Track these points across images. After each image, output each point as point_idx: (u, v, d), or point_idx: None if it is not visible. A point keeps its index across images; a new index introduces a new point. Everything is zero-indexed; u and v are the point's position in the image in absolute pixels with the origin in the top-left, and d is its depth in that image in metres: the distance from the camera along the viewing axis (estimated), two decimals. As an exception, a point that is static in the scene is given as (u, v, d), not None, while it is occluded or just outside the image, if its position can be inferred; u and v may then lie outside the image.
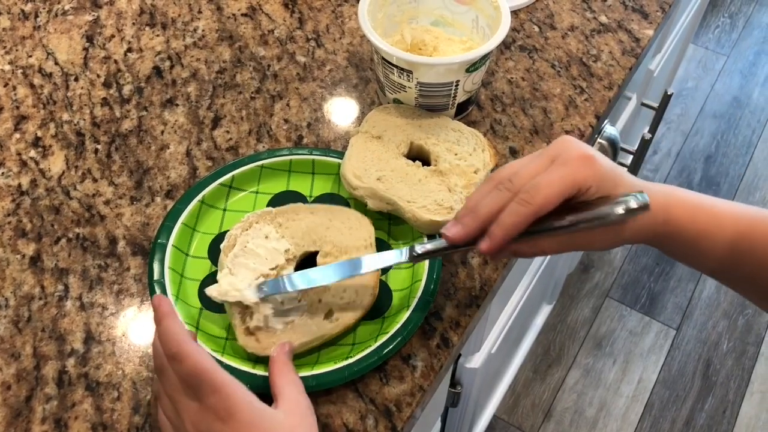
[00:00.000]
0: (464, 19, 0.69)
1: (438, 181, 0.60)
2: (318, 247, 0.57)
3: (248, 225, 0.57)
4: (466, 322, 0.56)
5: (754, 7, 2.25)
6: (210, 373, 0.43)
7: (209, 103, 0.70)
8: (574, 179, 0.45)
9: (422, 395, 0.53)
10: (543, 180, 0.45)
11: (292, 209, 0.58)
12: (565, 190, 0.45)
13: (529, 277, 1.00)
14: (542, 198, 0.45)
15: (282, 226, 0.57)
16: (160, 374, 0.46)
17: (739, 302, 1.61)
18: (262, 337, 0.52)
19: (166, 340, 0.44)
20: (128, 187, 0.64)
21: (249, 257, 0.54)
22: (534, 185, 0.45)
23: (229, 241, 0.56)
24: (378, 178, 0.60)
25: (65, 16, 0.78)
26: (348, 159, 0.61)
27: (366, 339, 0.54)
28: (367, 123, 0.64)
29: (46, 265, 0.59)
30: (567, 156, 0.46)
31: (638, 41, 0.77)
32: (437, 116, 0.65)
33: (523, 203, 0.45)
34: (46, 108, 0.70)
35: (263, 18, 0.78)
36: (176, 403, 0.44)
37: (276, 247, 0.55)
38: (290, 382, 0.48)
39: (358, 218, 0.58)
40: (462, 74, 0.62)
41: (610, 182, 0.47)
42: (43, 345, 0.55)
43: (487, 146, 0.63)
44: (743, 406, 1.46)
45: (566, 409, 1.46)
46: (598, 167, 0.46)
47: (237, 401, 0.42)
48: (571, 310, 1.60)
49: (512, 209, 0.46)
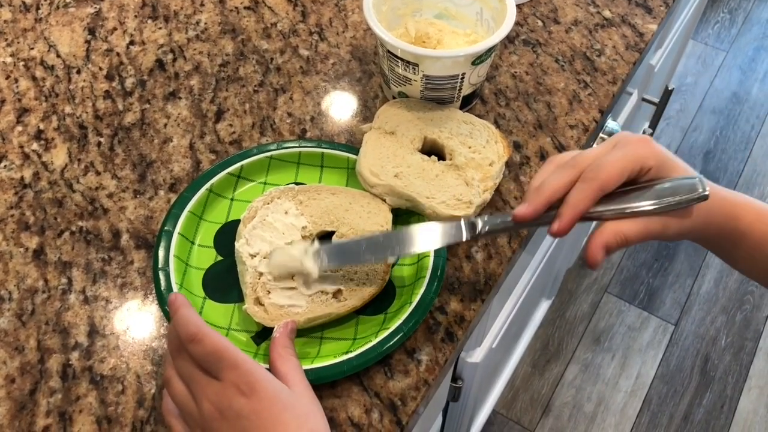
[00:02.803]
0: (468, 11, 0.69)
1: (455, 176, 0.60)
2: (335, 228, 0.57)
3: (270, 199, 0.58)
4: (470, 316, 0.56)
5: (754, 2, 2.25)
6: (230, 350, 0.43)
7: (212, 96, 0.70)
8: (636, 156, 0.47)
9: (427, 389, 0.53)
10: (607, 158, 0.47)
11: (314, 188, 0.59)
12: (628, 167, 0.46)
13: (530, 272, 1.00)
14: (606, 174, 0.46)
15: (302, 204, 0.58)
16: (175, 358, 0.46)
17: (737, 298, 1.62)
18: (270, 308, 0.53)
19: (184, 323, 0.45)
20: (131, 180, 0.64)
21: (266, 230, 0.56)
22: (598, 163, 0.47)
23: (250, 213, 0.57)
24: (395, 175, 0.60)
25: (67, 9, 0.78)
26: (363, 156, 0.61)
27: (367, 334, 0.54)
28: (378, 119, 0.64)
29: (49, 259, 0.59)
30: (627, 140, 0.48)
31: (642, 36, 0.77)
32: (447, 109, 0.65)
33: (588, 180, 0.46)
34: (49, 101, 0.69)
35: (266, 11, 0.78)
36: (193, 384, 0.44)
37: (294, 223, 0.57)
38: (293, 366, 0.48)
39: (377, 204, 0.59)
40: (468, 67, 0.62)
41: (669, 165, 0.48)
42: (47, 338, 0.55)
43: (499, 138, 0.64)
44: (741, 401, 1.47)
45: (565, 403, 1.46)
46: (658, 148, 0.48)
47: (258, 377, 0.43)
48: (570, 306, 1.60)
49: (579, 186, 0.47)
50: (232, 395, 0.42)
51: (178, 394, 0.46)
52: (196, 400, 0.44)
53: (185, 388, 0.45)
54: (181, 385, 0.45)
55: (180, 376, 0.46)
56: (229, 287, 0.57)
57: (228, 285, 0.57)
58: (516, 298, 0.98)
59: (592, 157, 0.47)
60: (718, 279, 1.65)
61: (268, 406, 0.42)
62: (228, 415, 0.42)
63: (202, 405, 0.43)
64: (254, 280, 0.54)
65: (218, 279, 0.57)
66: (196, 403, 0.44)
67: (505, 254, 0.60)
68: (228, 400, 0.42)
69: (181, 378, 0.46)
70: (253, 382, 0.42)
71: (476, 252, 0.60)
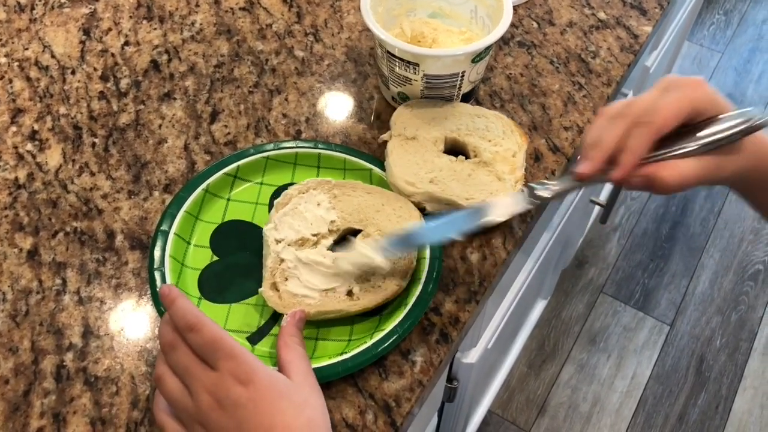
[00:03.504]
0: (462, 10, 0.69)
1: (486, 172, 0.61)
2: (362, 227, 0.58)
3: (306, 189, 0.59)
4: (465, 317, 0.56)
5: (749, 4, 2.26)
6: (228, 340, 0.44)
7: (207, 97, 0.70)
8: (690, 99, 0.46)
9: (421, 390, 0.53)
10: (660, 102, 0.46)
11: (350, 185, 0.60)
12: (684, 109, 0.46)
13: (526, 272, 1.00)
14: (662, 117, 0.45)
15: (336, 198, 0.59)
16: (171, 351, 0.46)
17: (732, 298, 1.62)
18: (285, 295, 0.54)
19: (182, 313, 0.45)
20: (126, 181, 0.64)
21: (296, 218, 0.57)
22: (651, 108, 0.46)
23: (284, 199, 0.58)
24: (430, 181, 0.60)
25: (62, 9, 0.77)
26: (393, 166, 0.61)
27: (362, 335, 0.54)
28: (396, 126, 0.64)
29: (43, 259, 0.59)
30: (678, 83, 0.47)
31: (636, 38, 0.77)
32: (457, 105, 0.66)
33: (644, 124, 0.46)
34: (43, 101, 0.69)
35: (261, 12, 0.78)
36: (189, 376, 0.44)
37: (324, 216, 0.57)
38: (298, 355, 0.48)
39: (409, 208, 0.59)
40: (468, 65, 0.63)
41: (723, 106, 0.48)
42: (41, 339, 0.55)
43: (513, 127, 0.64)
44: (736, 402, 1.47)
45: (560, 404, 1.47)
46: (711, 91, 0.47)
47: (255, 367, 0.43)
48: (566, 306, 1.60)
49: (634, 133, 0.46)
50: (230, 384, 0.43)
51: (172, 390, 0.45)
52: (192, 393, 0.44)
53: (179, 383, 0.45)
54: (174, 380, 0.45)
55: (174, 371, 0.46)
56: (225, 288, 0.57)
57: (224, 285, 0.57)
58: (511, 298, 0.98)
59: (646, 103, 0.47)
60: (713, 279, 1.65)
61: (265, 395, 0.43)
62: (226, 404, 0.43)
63: (199, 396, 0.43)
64: (275, 265, 0.55)
65: (214, 279, 0.57)
66: (192, 396, 0.44)
67: (499, 255, 0.60)
68: (225, 390, 0.43)
69: (176, 373, 0.45)
70: (250, 372, 0.43)
71: (471, 253, 0.60)
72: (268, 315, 0.56)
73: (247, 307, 0.56)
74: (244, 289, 0.57)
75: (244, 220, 0.61)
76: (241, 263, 0.58)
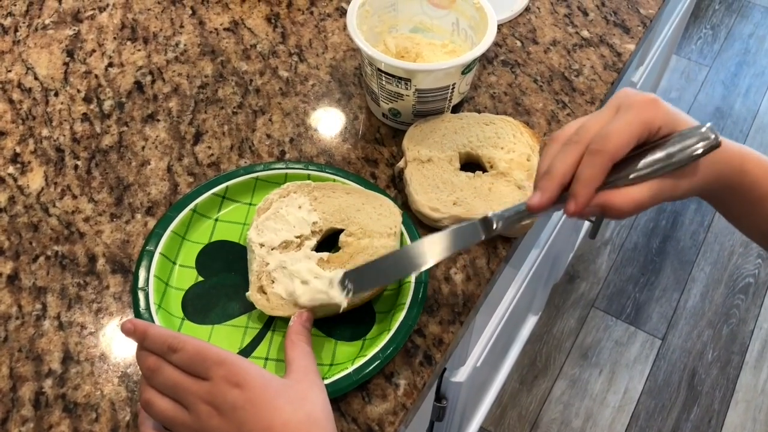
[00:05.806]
0: (443, 23, 0.70)
1: (505, 183, 0.61)
2: (344, 226, 0.58)
3: (287, 193, 0.60)
4: (449, 339, 0.56)
5: (735, 18, 2.28)
6: (212, 348, 0.44)
7: (191, 118, 0.70)
8: (642, 120, 0.44)
9: (405, 414, 0.52)
10: (612, 127, 0.44)
11: (330, 186, 0.61)
12: (635, 133, 0.44)
13: (515, 288, 1.00)
14: (614, 144, 0.44)
15: (317, 200, 0.59)
16: (154, 375, 0.45)
17: (724, 311, 1.62)
18: (272, 297, 0.54)
19: (161, 339, 0.45)
20: (108, 203, 0.63)
21: (278, 222, 0.58)
22: (603, 134, 0.44)
23: (265, 204, 0.59)
24: (454, 203, 0.60)
25: (45, 31, 0.77)
26: (415, 194, 0.61)
27: (344, 361, 0.54)
28: (410, 151, 0.64)
29: (23, 284, 0.58)
30: (630, 101, 0.45)
31: (620, 56, 0.77)
32: (464, 115, 0.66)
33: (596, 153, 0.44)
34: (26, 123, 0.69)
35: (245, 32, 0.78)
36: (182, 392, 0.44)
37: (305, 218, 0.58)
38: (302, 352, 0.49)
39: (389, 207, 0.59)
40: (458, 77, 0.63)
41: (679, 123, 0.46)
42: (19, 366, 0.54)
43: (522, 128, 0.64)
44: (728, 415, 1.47)
45: (553, 420, 1.46)
46: (665, 108, 0.46)
47: (246, 369, 0.44)
48: (557, 321, 1.60)
49: (587, 161, 0.44)
50: (225, 389, 0.43)
51: (164, 410, 0.45)
52: (188, 407, 0.44)
53: (170, 402, 0.45)
54: (165, 400, 0.45)
55: (163, 392, 0.45)
56: (208, 309, 0.56)
57: (207, 306, 0.56)
58: (501, 314, 0.97)
59: (597, 127, 0.45)
60: (704, 293, 1.65)
61: (261, 394, 0.43)
62: (224, 409, 0.43)
63: (197, 408, 0.43)
64: (260, 269, 0.55)
65: (198, 300, 0.57)
66: (190, 410, 0.44)
67: (483, 275, 0.60)
68: (222, 395, 0.43)
69: (165, 393, 0.45)
70: (242, 374, 0.43)
71: (455, 273, 0.60)
72: (251, 336, 0.55)
73: (230, 328, 0.56)
74: (227, 310, 0.56)
75: (232, 241, 0.60)
76: (226, 284, 0.58)
